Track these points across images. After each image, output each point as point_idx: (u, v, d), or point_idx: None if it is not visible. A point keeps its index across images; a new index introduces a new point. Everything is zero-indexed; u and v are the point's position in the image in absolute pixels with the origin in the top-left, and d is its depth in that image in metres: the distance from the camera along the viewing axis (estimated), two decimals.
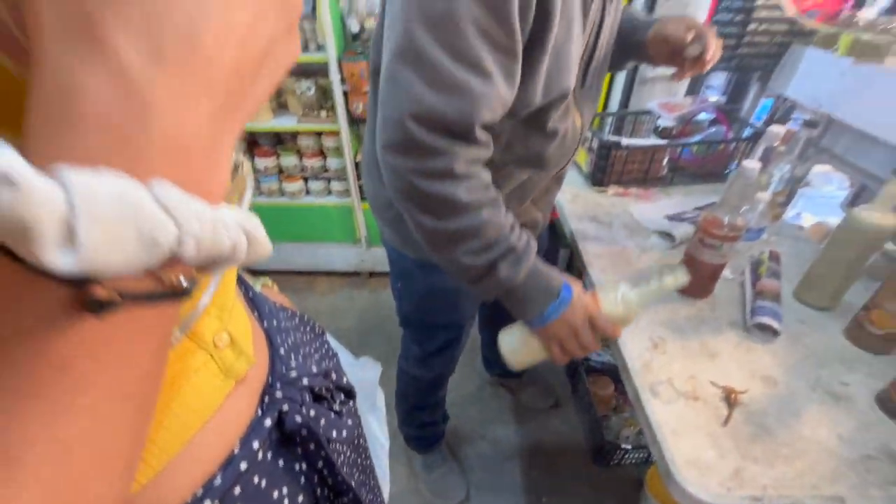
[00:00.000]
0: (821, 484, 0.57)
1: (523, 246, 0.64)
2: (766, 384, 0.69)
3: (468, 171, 0.58)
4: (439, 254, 0.64)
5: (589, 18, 0.61)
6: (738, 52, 1.10)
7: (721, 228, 0.76)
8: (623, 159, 1.18)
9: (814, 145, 1.16)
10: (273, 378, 0.36)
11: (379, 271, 2.06)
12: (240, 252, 0.17)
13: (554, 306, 0.64)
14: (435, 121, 0.52)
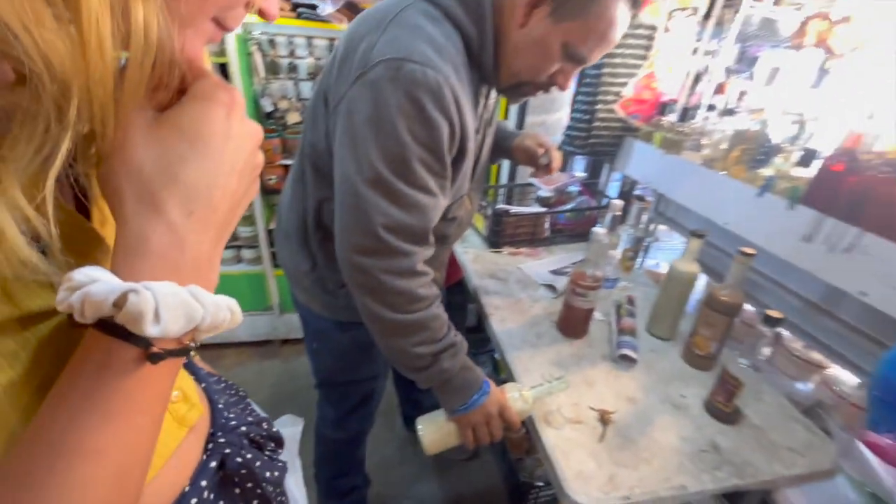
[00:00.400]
0: (670, 477, 0.72)
1: (460, 342, 0.79)
2: (630, 403, 0.87)
3: (423, 269, 0.74)
4: (392, 342, 0.75)
5: (477, 141, 0.82)
6: (589, 141, 1.42)
7: (586, 280, 0.96)
8: (513, 224, 1.40)
9: (655, 211, 1.50)
10: (215, 427, 0.41)
11: (293, 338, 2.01)
12: (228, 323, 0.26)
13: (477, 396, 0.77)
14: (402, 230, 0.68)
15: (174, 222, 0.25)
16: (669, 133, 1.28)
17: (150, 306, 0.22)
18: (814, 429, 0.84)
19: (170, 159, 0.25)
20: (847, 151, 0.85)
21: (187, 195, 0.25)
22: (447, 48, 0.66)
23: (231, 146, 0.27)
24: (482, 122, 0.84)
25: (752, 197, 1.01)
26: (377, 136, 0.64)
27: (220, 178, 0.26)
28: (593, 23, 0.68)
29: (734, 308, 0.89)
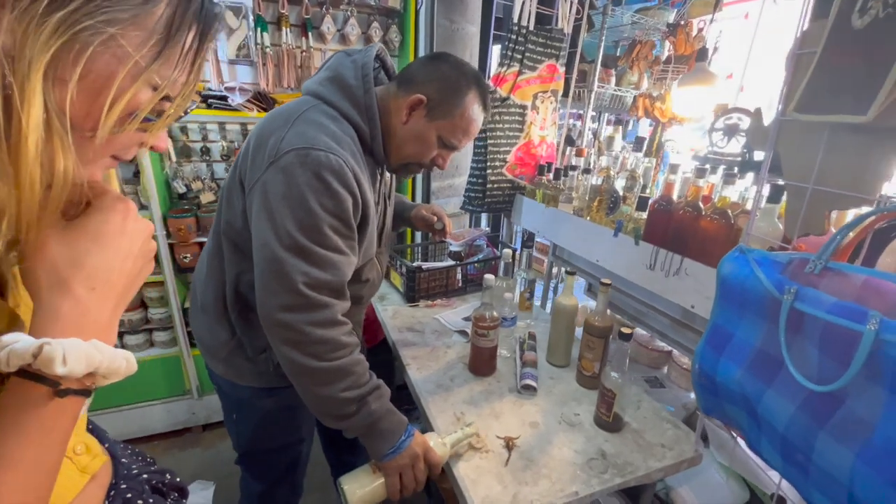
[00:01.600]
0: (565, 487, 0.82)
1: (383, 385, 0.86)
2: (532, 427, 0.97)
3: (343, 319, 0.82)
4: (320, 391, 0.81)
5: (378, 210, 0.96)
6: (486, 200, 1.63)
7: (485, 321, 1.08)
8: (426, 279, 1.52)
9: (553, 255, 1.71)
10: (117, 478, 0.46)
11: (215, 421, 1.90)
12: (124, 370, 0.34)
13: (404, 437, 0.83)
14: (321, 285, 0.78)
15: (79, 297, 0.34)
16: (548, 189, 1.52)
17: (59, 353, 0.30)
18: (680, 425, 1.00)
19: (76, 252, 0.34)
20: (665, 197, 1.09)
21: (90, 277, 0.34)
22: (345, 139, 0.82)
23: (126, 240, 0.37)
24: (381, 195, 1.00)
25: (610, 237, 1.23)
26: (292, 210, 0.75)
27: (116, 263, 0.36)
28: (458, 121, 0.90)
29: (605, 330, 1.06)
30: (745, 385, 0.66)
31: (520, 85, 1.55)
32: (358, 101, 0.86)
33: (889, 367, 0.46)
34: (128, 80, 0.33)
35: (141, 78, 0.34)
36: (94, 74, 0.32)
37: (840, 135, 0.59)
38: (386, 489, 0.83)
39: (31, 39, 0.29)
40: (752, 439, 0.69)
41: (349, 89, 0.86)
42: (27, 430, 0.30)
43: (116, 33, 0.31)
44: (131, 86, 0.33)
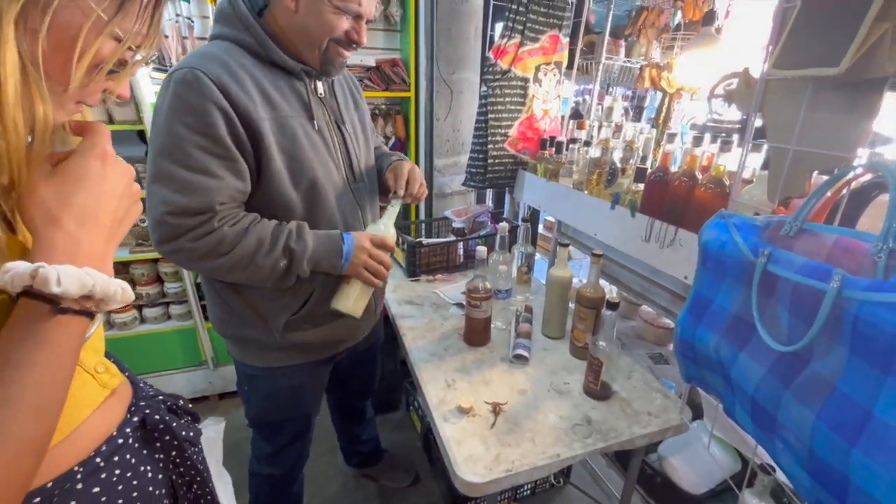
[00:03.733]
0: (547, 449, 0.84)
1: (295, 226, 0.86)
2: (520, 395, 0.99)
3: (220, 223, 0.79)
4: (247, 277, 0.84)
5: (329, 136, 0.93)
6: (487, 176, 1.63)
7: (478, 293, 1.10)
8: (427, 254, 1.54)
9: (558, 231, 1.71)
10: (136, 399, 0.53)
11: (231, 391, 1.99)
12: (120, 296, 0.39)
13: (346, 245, 0.89)
14: (183, 212, 0.76)
15: (70, 230, 0.38)
16: (549, 164, 1.50)
17: (54, 275, 0.34)
18: (669, 395, 1.01)
19: (63, 193, 0.39)
20: (662, 168, 1.07)
21: (79, 213, 0.39)
22: (218, 55, 0.79)
23: (107, 182, 0.41)
24: (328, 108, 0.94)
25: (608, 210, 1.21)
26: (157, 137, 0.76)
27: (101, 202, 0.40)
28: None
29: (597, 301, 1.06)
30: (720, 350, 0.66)
31: (521, 57, 1.52)
32: (228, 16, 0.84)
33: (849, 323, 0.45)
34: (93, 34, 0.36)
35: (105, 31, 0.37)
36: (61, 27, 0.35)
37: (823, 92, 0.57)
38: (366, 285, 0.94)
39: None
40: (727, 405, 0.69)
41: (221, 13, 0.86)
42: (35, 340, 0.35)
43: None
44: (96, 38, 0.37)
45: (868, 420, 0.44)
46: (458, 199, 2.18)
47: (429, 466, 1.67)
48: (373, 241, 0.92)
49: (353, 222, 0.99)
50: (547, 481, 1.58)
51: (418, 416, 1.80)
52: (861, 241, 0.49)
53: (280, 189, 0.86)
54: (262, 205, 0.86)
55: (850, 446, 0.45)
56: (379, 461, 1.60)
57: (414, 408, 1.84)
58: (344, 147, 0.97)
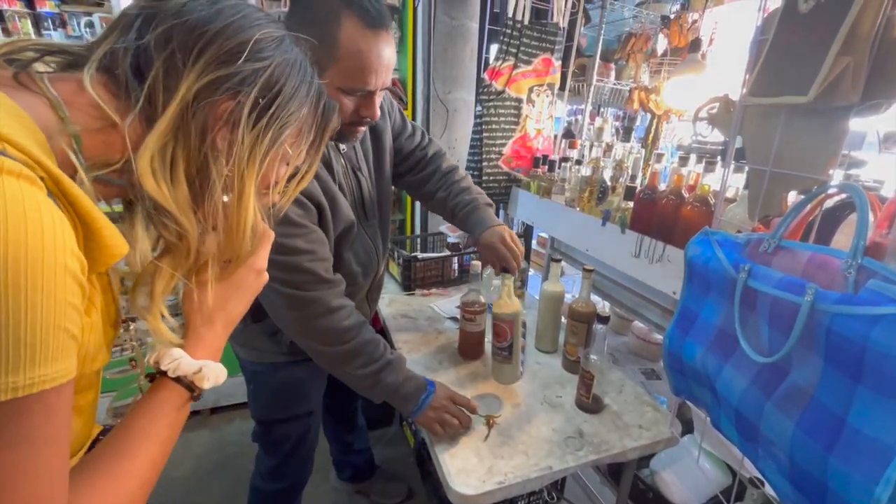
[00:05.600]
0: (540, 461, 0.85)
1: (397, 358, 0.93)
2: (514, 407, 1.00)
3: (341, 303, 0.88)
4: (337, 371, 0.91)
5: (348, 183, 0.96)
6: None
7: (472, 307, 1.12)
8: (422, 268, 1.56)
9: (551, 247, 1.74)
10: None
11: (224, 405, 1.97)
12: (222, 380, 0.48)
13: (424, 396, 0.91)
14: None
15: (218, 331, 0.49)
16: (542, 181, 1.54)
17: (212, 374, 0.46)
18: (660, 409, 1.02)
19: (224, 297, 0.50)
20: (650, 187, 1.11)
21: (227, 317, 0.50)
22: None
23: (251, 292, 0.52)
24: (345, 158, 0.97)
25: (599, 226, 1.25)
26: None
27: (242, 307, 0.52)
28: (346, 63, 0.73)
29: (588, 316, 1.08)
30: (706, 363, 0.68)
31: (515, 78, 1.57)
32: None
33: (823, 335, 0.48)
34: (284, 166, 0.50)
35: (292, 164, 0.50)
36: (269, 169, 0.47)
37: (796, 118, 0.61)
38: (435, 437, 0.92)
39: (253, 151, 0.43)
40: (714, 417, 0.71)
41: None
42: (168, 419, 0.44)
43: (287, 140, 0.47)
44: (285, 169, 0.50)
45: (842, 427, 0.46)
46: None
47: (421, 482, 1.66)
48: (454, 398, 0.92)
49: (369, 263, 1.05)
50: (541, 497, 1.57)
51: (411, 430, 1.79)
52: (833, 257, 0.52)
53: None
54: None
55: (826, 453, 0.47)
56: (371, 476, 1.59)
57: (407, 423, 1.83)
58: (358, 189, 1.01)
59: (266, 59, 0.43)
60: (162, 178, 0.39)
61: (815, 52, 0.49)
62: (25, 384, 0.30)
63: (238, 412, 1.99)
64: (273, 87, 0.44)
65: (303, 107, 0.47)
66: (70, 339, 0.34)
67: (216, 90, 0.40)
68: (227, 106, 0.41)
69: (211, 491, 1.62)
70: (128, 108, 0.39)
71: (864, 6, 0.45)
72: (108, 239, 0.37)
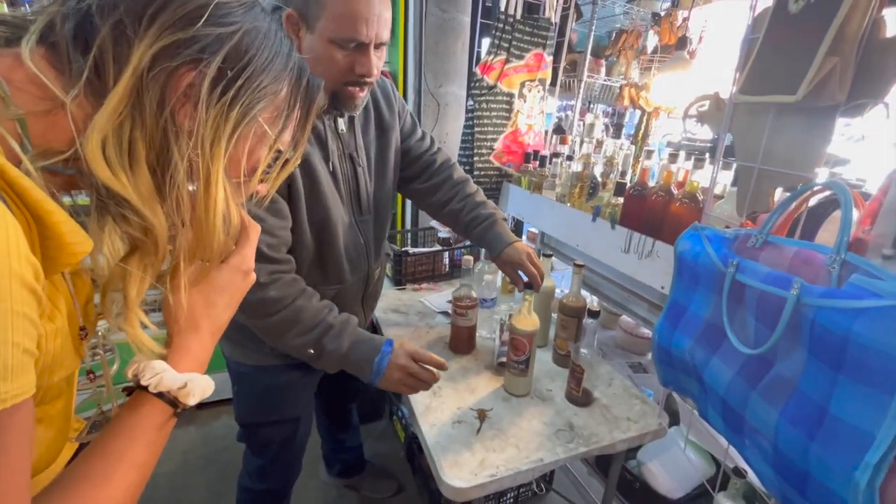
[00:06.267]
0: (531, 454, 0.86)
1: (341, 322, 0.85)
2: (504, 401, 1.01)
3: (270, 279, 0.81)
4: (279, 342, 0.85)
5: (342, 170, 0.93)
6: None
7: (463, 302, 1.12)
8: (413, 263, 1.56)
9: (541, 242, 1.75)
10: None
11: (209, 401, 1.95)
12: (208, 394, 0.43)
13: (379, 359, 0.84)
14: None
15: (204, 339, 0.45)
16: (533, 176, 1.55)
17: (198, 390, 0.41)
18: (648, 401, 1.04)
19: (209, 301, 0.45)
20: (640, 183, 1.12)
21: (214, 324, 0.46)
22: None
23: (239, 293, 0.48)
24: (343, 142, 0.93)
25: (589, 222, 1.26)
26: None
27: (229, 311, 0.47)
28: (332, 8, 0.72)
29: (579, 310, 1.09)
30: (695, 355, 0.70)
31: (507, 73, 1.57)
32: None
33: (807, 327, 0.49)
34: (263, 149, 0.44)
35: (270, 146, 0.44)
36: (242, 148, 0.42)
37: (784, 117, 0.62)
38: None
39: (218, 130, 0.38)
40: (701, 407, 0.73)
41: None
42: (148, 439, 0.39)
43: (261, 116, 0.41)
44: (266, 153, 0.44)
45: (824, 416, 0.47)
46: None
47: (412, 476, 1.66)
48: (416, 356, 0.86)
49: (358, 259, 1.01)
50: (529, 489, 1.59)
51: (402, 425, 1.80)
52: (818, 252, 0.54)
53: (298, 227, 0.88)
54: None
55: (808, 441, 0.49)
56: (361, 471, 1.59)
57: (398, 417, 1.83)
58: (354, 180, 0.97)
59: (232, 25, 0.38)
60: (119, 165, 0.34)
61: (803, 53, 0.51)
62: None
63: (225, 408, 1.96)
64: (242, 57, 0.39)
65: (279, 82, 0.42)
66: (24, 356, 0.30)
67: (174, 57, 0.35)
68: (187, 77, 0.36)
69: (197, 488, 1.61)
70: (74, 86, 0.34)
71: (851, 7, 0.46)
72: (66, 236, 0.33)
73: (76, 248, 0.34)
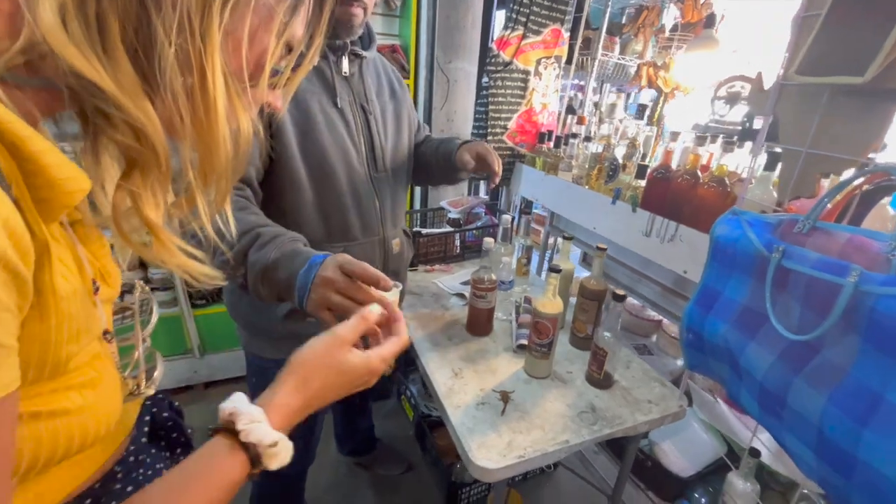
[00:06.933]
0: (556, 436, 0.87)
1: (271, 233, 0.69)
2: (525, 383, 1.02)
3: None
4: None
5: (353, 120, 0.91)
6: None
7: (483, 284, 1.11)
8: (425, 244, 1.54)
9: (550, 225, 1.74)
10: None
11: (217, 379, 1.95)
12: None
13: (305, 271, 0.63)
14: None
15: (308, 407, 0.44)
16: (548, 158, 1.53)
17: (285, 454, 0.40)
18: (667, 384, 1.05)
19: (327, 382, 0.45)
20: (664, 166, 1.11)
21: (323, 400, 0.45)
22: None
23: (351, 389, 0.48)
24: (353, 88, 0.91)
25: (608, 205, 1.25)
26: None
27: (336, 396, 0.47)
28: None
29: (600, 294, 1.09)
30: (730, 339, 0.70)
31: (523, 49, 1.52)
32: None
33: (865, 315, 0.49)
34: (271, 37, 0.35)
35: (280, 35, 0.35)
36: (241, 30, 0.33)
37: (837, 98, 0.60)
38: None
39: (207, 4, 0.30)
40: (732, 391, 0.73)
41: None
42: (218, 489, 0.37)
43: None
44: (277, 43, 0.35)
45: (880, 402, 0.47)
46: (451, 190, 2.18)
47: (421, 454, 1.69)
48: (343, 265, 0.61)
49: (369, 214, 0.97)
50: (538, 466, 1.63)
51: (410, 405, 1.81)
52: (873, 240, 0.53)
53: (288, 163, 0.84)
54: (272, 180, 0.85)
55: (860, 427, 0.49)
56: (372, 450, 1.61)
57: (406, 396, 1.85)
58: (367, 131, 0.95)
59: None
60: (88, 45, 0.27)
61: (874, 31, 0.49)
62: None
63: (234, 386, 1.96)
64: None
65: None
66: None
67: None
68: None
69: None
70: None
71: None
72: (53, 169, 0.26)
73: (70, 186, 0.28)
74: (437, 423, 1.69)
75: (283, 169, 0.84)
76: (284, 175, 0.84)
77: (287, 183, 0.85)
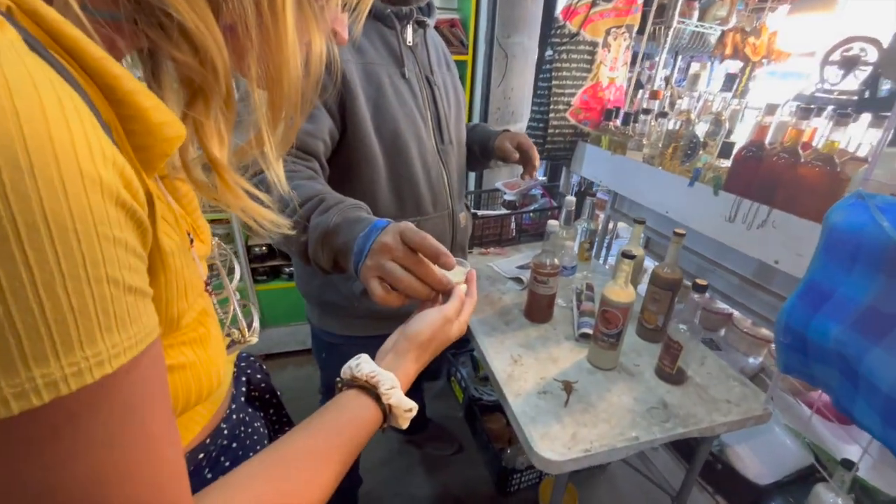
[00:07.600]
0: (625, 431, 0.82)
1: (335, 199, 0.65)
2: (590, 374, 0.96)
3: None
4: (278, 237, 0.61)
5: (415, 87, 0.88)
6: (546, 147, 1.55)
7: (545, 268, 1.06)
8: (481, 226, 1.50)
9: (611, 208, 1.64)
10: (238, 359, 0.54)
11: (274, 352, 2.04)
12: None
13: (364, 235, 0.56)
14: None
15: (415, 373, 0.48)
16: (615, 136, 1.42)
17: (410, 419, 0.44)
18: (748, 384, 0.96)
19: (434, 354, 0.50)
20: (755, 143, 0.99)
21: (426, 362, 0.50)
22: None
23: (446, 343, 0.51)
24: (418, 59, 0.89)
25: (685, 187, 1.14)
26: None
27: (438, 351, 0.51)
28: None
29: (675, 283, 1.01)
30: (845, 343, 0.61)
31: (592, 18, 1.41)
32: None
33: None
34: None
35: None
36: None
37: None
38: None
39: None
40: (844, 400, 0.65)
41: None
42: (366, 437, 0.41)
43: None
44: None
45: None
46: (505, 171, 2.11)
47: (471, 437, 1.69)
48: (402, 233, 0.52)
49: (438, 187, 0.96)
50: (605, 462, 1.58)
51: (460, 387, 1.81)
52: None
53: (363, 138, 0.82)
54: (346, 156, 0.84)
55: None
56: (424, 429, 1.63)
57: (456, 379, 1.85)
58: (433, 103, 0.93)
59: None
60: None
61: None
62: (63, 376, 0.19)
63: (291, 359, 2.06)
64: None
65: None
66: (127, 296, 0.22)
67: None
68: None
69: None
70: None
71: None
72: (151, 113, 0.24)
73: (168, 132, 0.25)
74: (488, 407, 1.68)
75: (359, 143, 0.83)
76: (359, 150, 0.83)
77: (361, 158, 0.84)
